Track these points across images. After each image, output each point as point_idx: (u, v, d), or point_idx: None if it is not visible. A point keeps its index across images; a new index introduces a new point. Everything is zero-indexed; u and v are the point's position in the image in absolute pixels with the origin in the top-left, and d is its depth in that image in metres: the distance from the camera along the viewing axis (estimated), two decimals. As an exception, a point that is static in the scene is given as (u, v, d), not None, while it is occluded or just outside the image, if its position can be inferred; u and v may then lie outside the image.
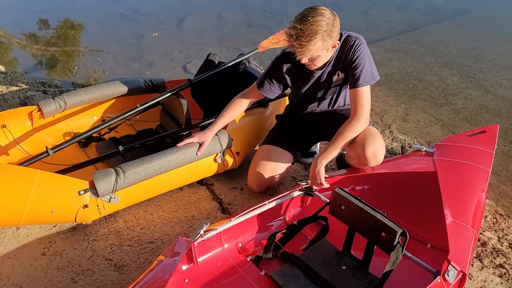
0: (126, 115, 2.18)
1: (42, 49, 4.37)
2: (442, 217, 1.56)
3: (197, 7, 5.73)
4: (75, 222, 1.76)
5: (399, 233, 1.40)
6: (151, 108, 2.34)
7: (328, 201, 1.69)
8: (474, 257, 1.84)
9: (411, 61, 4.16)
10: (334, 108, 2.02)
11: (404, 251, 1.44)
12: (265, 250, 1.64)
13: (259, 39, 2.77)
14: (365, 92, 1.76)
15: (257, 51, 2.59)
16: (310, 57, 1.68)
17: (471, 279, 1.73)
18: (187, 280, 1.47)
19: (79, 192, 1.70)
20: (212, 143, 2.00)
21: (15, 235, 1.83)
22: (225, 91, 2.42)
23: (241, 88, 2.11)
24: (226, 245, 1.63)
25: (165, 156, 1.86)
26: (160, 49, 4.48)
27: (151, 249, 1.77)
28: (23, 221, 1.66)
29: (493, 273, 1.77)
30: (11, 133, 2.14)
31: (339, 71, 1.84)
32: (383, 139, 2.76)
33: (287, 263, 1.59)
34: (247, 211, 1.61)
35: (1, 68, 3.71)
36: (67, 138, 2.18)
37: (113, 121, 2.16)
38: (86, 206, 1.72)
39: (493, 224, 2.06)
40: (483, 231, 2.00)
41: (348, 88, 1.85)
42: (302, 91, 1.96)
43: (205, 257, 1.56)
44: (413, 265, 1.51)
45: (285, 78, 1.92)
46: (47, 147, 1.94)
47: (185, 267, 1.49)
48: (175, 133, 2.21)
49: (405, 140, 2.80)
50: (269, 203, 1.67)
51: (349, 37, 1.76)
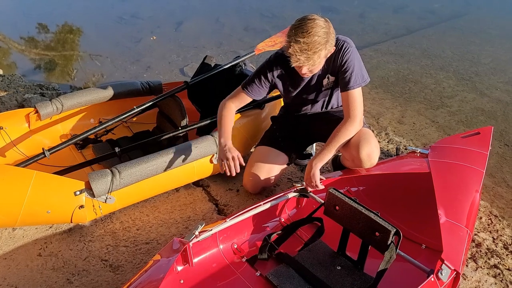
0: (122, 116, 2.19)
1: (40, 53, 4.38)
2: (436, 218, 1.57)
3: (195, 11, 5.76)
4: (71, 222, 1.76)
5: (392, 232, 1.41)
6: (147, 110, 2.35)
7: (323, 202, 1.70)
8: (468, 258, 1.85)
9: (407, 64, 4.18)
10: (327, 109, 2.03)
11: (398, 251, 1.45)
12: (260, 251, 1.65)
13: (256, 43, 2.79)
14: (356, 94, 1.78)
15: (254, 53, 2.60)
16: (312, 67, 1.68)
17: (465, 279, 1.74)
18: (182, 281, 1.47)
19: (75, 192, 1.71)
20: (207, 144, 2.01)
21: (11, 236, 1.83)
22: (221, 93, 2.43)
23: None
24: (221, 246, 1.63)
25: (160, 157, 1.87)
26: (157, 52, 4.51)
27: (147, 250, 1.78)
28: (19, 221, 1.67)
29: (487, 273, 1.77)
30: (8, 135, 2.15)
31: (329, 75, 1.85)
32: (379, 141, 2.78)
33: (282, 264, 1.60)
34: (242, 212, 1.61)
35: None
36: (64, 140, 2.18)
37: (109, 123, 2.17)
38: (82, 206, 1.73)
39: (488, 225, 2.07)
40: (478, 232, 2.01)
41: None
42: (292, 95, 1.96)
43: (200, 258, 1.57)
44: (408, 265, 1.51)
45: (275, 81, 1.92)
46: (43, 149, 1.95)
47: (180, 268, 1.50)
48: (170, 134, 2.22)
49: (400, 142, 2.81)
50: (264, 204, 1.67)
51: (337, 40, 1.75)
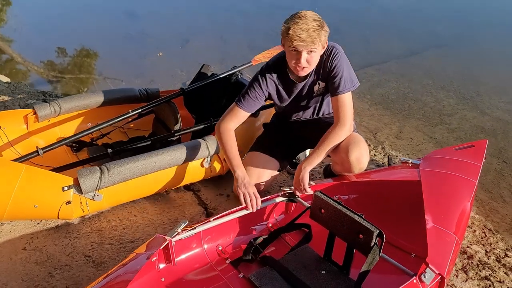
0: (117, 120, 2.22)
1: (58, 76, 4.46)
2: (423, 224, 1.54)
3: (203, 30, 5.90)
4: (58, 218, 1.77)
5: (375, 234, 1.39)
6: (143, 115, 2.39)
7: (309, 206, 1.69)
8: (459, 269, 1.81)
9: (408, 83, 4.21)
10: (319, 116, 2.04)
11: (382, 254, 1.42)
12: (244, 252, 1.63)
13: (259, 59, 2.83)
14: (346, 99, 1.79)
15: (251, 64, 2.64)
16: (312, 50, 1.66)
17: (454, 289, 1.70)
18: (163, 279, 1.46)
19: (63, 188, 1.72)
20: (198, 148, 2.02)
21: (-2, 231, 1.84)
22: (217, 100, 2.47)
23: (232, 97, 2.13)
24: (205, 246, 1.62)
25: (150, 157, 1.88)
26: (162, 67, 4.60)
27: (132, 248, 1.77)
28: (6, 215, 1.68)
29: (477, 284, 1.73)
30: (5, 134, 2.19)
31: (320, 81, 1.87)
32: (374, 155, 2.78)
33: (266, 266, 1.58)
34: (227, 212, 1.61)
35: (6, 78, 3.82)
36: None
37: (105, 125, 2.20)
38: (69, 202, 1.73)
39: (482, 238, 2.03)
40: (471, 245, 1.97)
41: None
42: (285, 103, 1.98)
43: (183, 257, 1.56)
44: (393, 269, 1.49)
45: (269, 91, 1.92)
46: (37, 147, 1.98)
47: (162, 266, 1.49)
48: (164, 138, 2.24)
49: (396, 156, 2.80)
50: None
51: (326, 46, 1.77)
